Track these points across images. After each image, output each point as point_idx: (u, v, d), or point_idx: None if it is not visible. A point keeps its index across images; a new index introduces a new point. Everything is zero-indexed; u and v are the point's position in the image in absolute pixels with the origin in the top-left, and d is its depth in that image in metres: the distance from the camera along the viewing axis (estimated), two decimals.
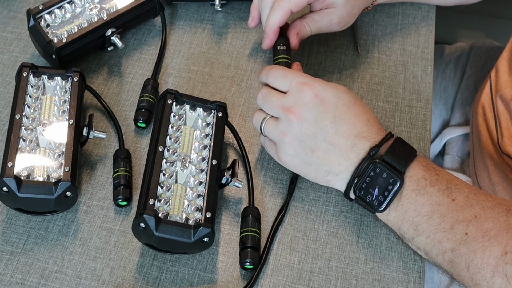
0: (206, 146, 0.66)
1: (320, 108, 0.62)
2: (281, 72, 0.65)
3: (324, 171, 0.63)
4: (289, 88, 0.64)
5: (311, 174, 0.64)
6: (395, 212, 0.61)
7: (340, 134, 0.62)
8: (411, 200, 0.60)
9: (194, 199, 0.62)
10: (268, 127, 0.65)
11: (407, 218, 0.60)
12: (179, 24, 0.84)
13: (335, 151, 0.62)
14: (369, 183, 0.61)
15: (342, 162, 0.62)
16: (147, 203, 0.59)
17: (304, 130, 0.62)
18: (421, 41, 0.82)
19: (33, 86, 0.69)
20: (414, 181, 0.61)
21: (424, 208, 0.60)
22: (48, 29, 0.74)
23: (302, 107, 0.62)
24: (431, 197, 0.60)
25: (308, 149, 0.63)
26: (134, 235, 0.62)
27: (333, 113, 0.62)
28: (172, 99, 0.67)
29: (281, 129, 0.63)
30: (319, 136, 0.62)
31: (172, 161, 0.64)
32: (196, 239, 0.59)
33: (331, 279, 0.63)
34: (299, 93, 0.63)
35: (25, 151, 0.64)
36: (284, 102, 0.63)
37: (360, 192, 0.62)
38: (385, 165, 0.60)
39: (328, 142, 0.62)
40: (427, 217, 0.59)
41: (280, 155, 0.65)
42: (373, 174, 0.61)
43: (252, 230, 0.64)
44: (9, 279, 0.63)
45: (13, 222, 0.66)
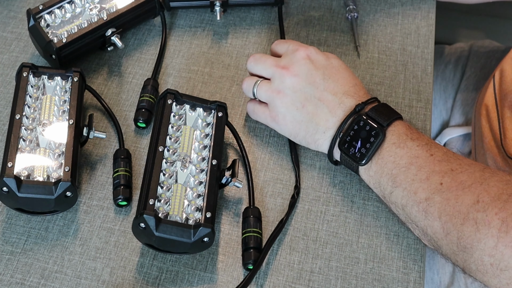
0: (206, 146, 0.66)
1: (311, 66, 0.67)
2: (281, 40, 0.73)
3: (313, 128, 0.66)
4: (286, 50, 0.69)
5: (301, 133, 0.67)
6: (376, 165, 0.63)
7: (329, 91, 0.66)
8: (391, 152, 0.62)
9: (194, 199, 0.62)
10: (261, 88, 0.69)
11: (386, 171, 0.62)
12: (179, 24, 0.84)
13: (323, 107, 0.66)
14: (353, 136, 0.64)
15: (329, 118, 0.65)
16: (147, 203, 0.59)
17: (296, 85, 0.66)
18: (421, 41, 0.82)
19: (33, 86, 0.69)
20: (395, 135, 0.63)
21: (403, 160, 0.61)
22: (48, 29, 0.74)
23: (295, 63, 0.67)
24: (410, 150, 0.62)
25: (299, 103, 0.66)
26: (134, 235, 0.62)
27: (322, 72, 0.67)
28: (172, 99, 0.67)
29: (275, 87, 0.67)
30: (309, 91, 0.66)
31: (172, 161, 0.64)
32: (196, 239, 0.59)
33: (331, 279, 0.63)
34: (293, 53, 0.68)
35: (25, 151, 0.64)
36: (278, 62, 0.68)
37: (343, 146, 0.64)
38: (368, 119, 0.63)
39: (317, 98, 0.66)
40: (405, 168, 0.61)
41: (272, 114, 0.68)
42: (357, 127, 0.63)
43: (254, 230, 0.64)
44: (9, 279, 0.63)
45: (13, 222, 0.66)
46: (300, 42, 0.71)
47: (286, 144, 0.73)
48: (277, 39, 0.82)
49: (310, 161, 0.71)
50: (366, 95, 0.67)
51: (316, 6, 0.86)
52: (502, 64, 0.85)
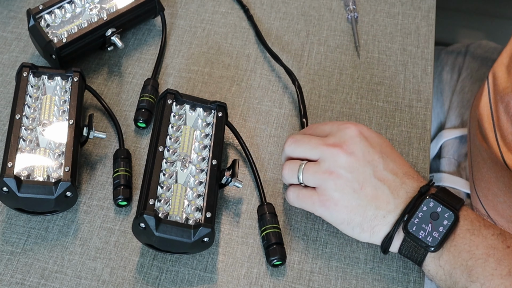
0: (206, 146, 0.66)
1: (366, 143, 0.60)
2: (319, 123, 0.65)
3: (371, 213, 0.59)
4: (330, 130, 0.62)
5: (357, 219, 0.60)
6: (448, 253, 0.57)
7: (389, 171, 0.60)
8: (466, 240, 0.56)
9: (194, 199, 0.62)
10: (308, 172, 0.61)
11: (461, 262, 0.56)
12: (179, 24, 0.84)
13: (384, 188, 0.59)
14: (422, 219, 0.57)
15: (391, 200, 0.59)
16: (147, 203, 0.59)
17: (353, 164, 0.59)
18: (421, 41, 0.82)
19: (33, 86, 0.69)
20: (468, 221, 0.57)
21: (479, 250, 0.56)
22: (48, 29, 0.74)
23: (349, 141, 0.60)
24: (485, 239, 0.56)
25: (356, 184, 0.59)
26: (134, 235, 0.62)
27: (379, 150, 0.61)
28: (172, 99, 0.67)
29: (326, 168, 0.60)
30: (368, 171, 0.59)
31: (172, 161, 0.64)
32: (196, 239, 0.59)
33: (331, 279, 0.63)
34: (343, 130, 0.61)
35: (25, 151, 0.64)
36: (326, 140, 0.61)
37: (411, 228, 0.57)
38: (439, 200, 0.58)
39: (377, 178, 0.59)
40: (482, 260, 0.55)
41: (322, 198, 0.60)
42: (426, 208, 0.58)
43: (274, 226, 0.64)
44: (9, 279, 0.63)
45: (13, 222, 0.66)
46: (300, 45, 0.70)
47: None
48: (278, 39, 0.82)
49: None
50: (422, 177, 0.62)
51: (316, 6, 0.86)
52: (494, 68, 0.85)
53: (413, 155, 0.72)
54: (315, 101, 0.76)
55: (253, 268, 0.64)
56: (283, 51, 0.81)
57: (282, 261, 0.63)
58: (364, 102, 0.76)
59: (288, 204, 0.68)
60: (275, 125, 0.74)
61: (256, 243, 0.65)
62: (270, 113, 0.75)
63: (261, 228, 0.65)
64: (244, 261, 0.64)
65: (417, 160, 0.72)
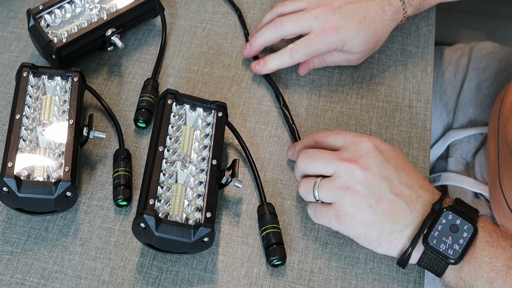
0: (206, 146, 0.66)
1: (381, 157, 0.60)
2: (330, 131, 0.64)
3: (389, 228, 0.59)
4: (344, 143, 0.62)
5: (374, 234, 0.60)
6: (468, 266, 0.57)
7: (404, 184, 0.60)
8: (486, 252, 0.57)
9: (194, 199, 0.62)
10: (323, 188, 0.61)
11: (481, 274, 0.56)
12: (179, 24, 0.84)
13: (401, 203, 0.59)
14: (442, 231, 0.58)
15: (408, 214, 0.59)
16: (147, 203, 0.59)
17: (369, 180, 0.59)
18: (421, 41, 0.82)
19: (33, 86, 0.69)
20: (486, 232, 0.58)
21: (499, 262, 0.56)
22: (48, 29, 0.74)
23: (364, 156, 0.60)
24: (505, 251, 0.57)
25: (373, 200, 0.59)
26: (134, 235, 0.62)
27: (394, 164, 0.60)
28: (172, 99, 0.67)
29: (342, 183, 0.59)
30: (384, 186, 0.59)
31: (172, 161, 0.64)
32: (196, 239, 0.59)
33: (331, 279, 0.63)
34: (357, 145, 0.61)
35: (25, 151, 0.64)
36: (341, 155, 0.60)
37: (432, 242, 0.58)
38: (457, 212, 0.58)
39: (393, 193, 0.59)
40: (503, 272, 0.56)
41: (340, 215, 0.60)
42: (445, 221, 0.58)
43: (274, 226, 0.64)
44: (9, 279, 0.63)
45: (13, 222, 0.66)
46: None
47: (286, 144, 0.73)
48: None
49: None
50: (433, 187, 0.62)
51: None
52: None
53: (413, 155, 0.72)
54: (315, 101, 0.76)
55: (253, 268, 0.64)
56: None
57: (282, 261, 0.63)
58: (364, 102, 0.76)
59: (288, 204, 0.68)
60: (275, 125, 0.74)
61: (256, 243, 0.65)
62: (270, 113, 0.75)
63: (261, 228, 0.65)
64: (244, 261, 0.64)
65: (417, 160, 0.72)
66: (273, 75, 0.78)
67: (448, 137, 0.94)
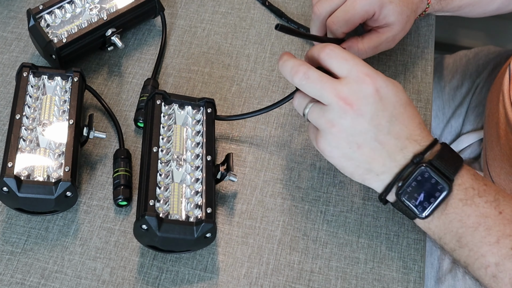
0: (198, 143, 0.66)
1: (379, 105, 0.58)
2: (341, 53, 0.59)
3: (364, 169, 0.60)
4: (348, 75, 0.58)
5: (348, 169, 0.61)
6: (438, 220, 0.59)
7: (392, 135, 0.58)
8: (458, 210, 0.57)
9: (193, 197, 0.62)
10: (313, 114, 0.60)
11: (451, 229, 0.58)
12: (179, 24, 0.84)
13: (383, 151, 0.58)
14: (415, 188, 0.58)
15: (387, 163, 0.59)
16: (147, 204, 0.59)
17: (357, 125, 0.57)
18: (421, 41, 0.82)
19: (33, 86, 0.69)
20: (462, 190, 0.58)
21: (470, 219, 0.57)
22: (48, 29, 0.74)
23: (361, 100, 0.57)
24: (478, 208, 0.57)
25: (354, 144, 0.58)
26: (136, 238, 0.62)
27: (390, 112, 0.58)
28: (160, 99, 0.67)
29: (330, 118, 0.58)
30: (371, 134, 0.58)
31: (166, 161, 0.64)
32: (199, 235, 0.59)
33: (331, 279, 0.63)
34: (359, 84, 0.57)
35: (25, 151, 0.64)
36: (340, 90, 0.57)
37: (404, 196, 0.58)
38: (434, 170, 0.57)
39: (377, 141, 0.58)
40: (473, 229, 0.57)
41: (320, 142, 0.60)
42: (421, 178, 0.58)
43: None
44: (9, 279, 0.63)
45: (13, 222, 0.66)
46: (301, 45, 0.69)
47: (286, 144, 0.73)
48: (278, 39, 0.82)
49: (310, 161, 0.71)
50: (428, 136, 0.60)
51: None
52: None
53: None
54: None
55: (253, 268, 0.64)
56: (283, 51, 0.81)
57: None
58: None
59: (288, 204, 0.68)
60: (275, 125, 0.74)
61: (256, 243, 0.65)
62: (270, 113, 0.75)
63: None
64: (244, 261, 0.64)
65: None
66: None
67: (461, 142, 0.94)
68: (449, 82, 1.00)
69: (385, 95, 0.58)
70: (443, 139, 0.98)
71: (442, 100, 1.00)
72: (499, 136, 0.81)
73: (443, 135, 0.98)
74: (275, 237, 0.66)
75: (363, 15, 0.70)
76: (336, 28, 0.70)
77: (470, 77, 1.00)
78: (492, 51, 1.03)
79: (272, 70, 0.79)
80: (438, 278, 0.84)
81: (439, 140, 0.61)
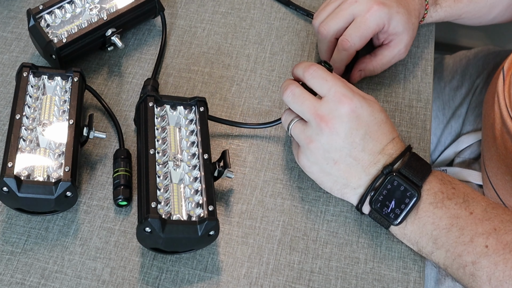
0: (194, 142, 0.66)
1: (353, 124, 0.61)
2: (321, 74, 0.63)
3: (342, 184, 0.63)
4: (327, 94, 0.62)
5: (327, 184, 0.64)
6: (412, 225, 0.61)
7: (366, 151, 0.62)
8: (429, 213, 0.60)
9: (192, 196, 0.62)
10: (295, 129, 0.64)
11: (425, 232, 0.61)
12: (179, 24, 0.84)
13: (358, 166, 0.62)
14: (386, 196, 0.61)
15: (362, 177, 0.62)
16: (149, 206, 0.59)
17: (332, 142, 0.61)
18: (421, 41, 0.82)
19: (33, 86, 0.69)
20: (431, 194, 0.61)
21: (443, 221, 0.60)
22: (48, 29, 0.74)
23: (336, 119, 0.61)
24: (448, 210, 0.60)
25: (331, 160, 0.62)
26: (139, 241, 0.61)
27: (364, 131, 0.62)
28: (152, 101, 0.67)
29: (308, 135, 0.62)
30: (346, 150, 0.62)
31: (163, 162, 0.64)
32: (203, 234, 0.60)
33: (331, 279, 0.63)
34: (336, 104, 0.61)
35: (25, 151, 0.64)
36: (318, 108, 0.62)
37: (376, 205, 0.62)
38: (402, 178, 0.61)
39: (352, 157, 0.62)
40: (446, 230, 0.59)
41: (300, 158, 0.65)
42: (390, 187, 0.61)
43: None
44: (9, 279, 0.63)
45: (13, 222, 0.66)
46: (301, 45, 0.70)
47: (286, 144, 0.73)
48: (278, 39, 0.82)
49: None
50: (401, 147, 0.63)
51: (316, 6, 0.86)
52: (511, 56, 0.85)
53: None
54: None
55: (253, 268, 0.64)
56: (283, 51, 0.81)
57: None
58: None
59: (288, 204, 0.68)
60: (275, 125, 0.74)
61: (256, 243, 0.65)
62: (270, 113, 0.75)
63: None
64: (244, 261, 0.64)
65: None
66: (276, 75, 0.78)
67: (461, 143, 0.95)
68: (449, 83, 1.00)
69: (360, 114, 0.61)
70: (443, 139, 0.98)
71: (442, 100, 1.00)
72: (495, 137, 0.81)
73: (443, 135, 0.98)
74: (275, 237, 0.66)
75: (375, 29, 0.72)
76: (350, 45, 0.72)
77: (470, 77, 1.00)
78: (492, 51, 1.03)
79: (272, 70, 0.79)
80: (437, 279, 0.84)
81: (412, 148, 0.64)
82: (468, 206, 0.60)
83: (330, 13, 0.74)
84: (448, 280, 0.83)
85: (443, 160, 0.96)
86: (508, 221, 0.59)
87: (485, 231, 0.58)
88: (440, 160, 0.96)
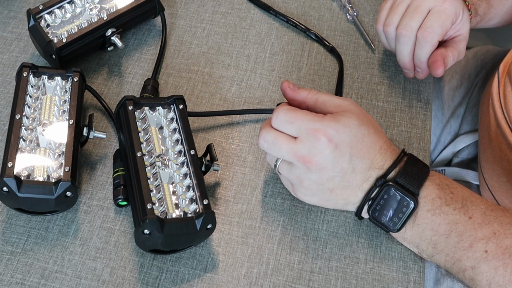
0: (178, 140, 0.67)
1: (336, 152, 0.60)
2: (285, 117, 0.61)
3: (342, 204, 0.64)
4: (299, 134, 0.60)
5: (329, 206, 0.65)
6: (411, 231, 0.62)
7: (357, 172, 0.61)
8: (427, 220, 0.60)
9: (184, 193, 0.63)
10: (283, 170, 0.63)
11: (425, 237, 0.61)
12: (179, 24, 0.84)
13: (352, 187, 0.62)
14: (383, 206, 0.62)
15: (359, 194, 0.63)
16: (145, 208, 0.59)
17: (323, 176, 0.61)
18: None
19: (33, 86, 0.69)
20: (428, 201, 0.61)
21: (441, 227, 0.60)
22: (48, 29, 0.74)
23: (318, 155, 0.60)
24: (447, 216, 0.60)
25: (326, 190, 0.62)
26: (138, 245, 0.61)
27: (349, 154, 0.60)
28: (132, 105, 0.67)
29: (297, 175, 0.62)
30: (337, 178, 0.61)
31: (150, 164, 0.64)
32: (201, 228, 0.60)
33: (331, 279, 0.63)
34: (312, 141, 0.59)
35: (25, 151, 0.64)
36: (296, 150, 0.60)
37: (374, 214, 0.62)
38: (398, 188, 0.60)
39: (345, 181, 0.62)
40: (445, 236, 0.60)
41: (297, 194, 0.64)
42: (387, 197, 0.61)
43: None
44: (9, 279, 0.63)
45: (13, 222, 0.66)
46: (301, 45, 0.69)
47: None
48: (278, 39, 0.82)
49: None
50: (392, 154, 0.63)
51: (316, 6, 0.86)
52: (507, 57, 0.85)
53: None
54: None
55: (253, 268, 0.64)
56: (283, 51, 0.81)
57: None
58: (364, 102, 0.76)
59: (288, 204, 0.68)
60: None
61: (256, 243, 0.65)
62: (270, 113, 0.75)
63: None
64: (244, 261, 0.64)
65: None
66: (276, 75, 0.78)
67: (459, 143, 0.95)
68: (449, 82, 1.00)
69: (339, 140, 0.60)
70: (442, 139, 0.98)
71: (441, 100, 1.00)
72: (491, 138, 0.81)
73: (442, 135, 0.98)
74: (275, 237, 0.66)
75: (453, 18, 0.72)
76: (432, 36, 0.71)
77: (469, 77, 1.00)
78: (491, 51, 1.03)
79: (272, 70, 0.79)
80: (437, 279, 0.84)
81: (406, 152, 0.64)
82: (467, 211, 0.60)
83: (403, 14, 0.73)
84: (448, 280, 0.83)
85: (441, 160, 0.96)
86: (507, 224, 0.59)
87: (485, 236, 0.58)
88: (439, 160, 0.96)
